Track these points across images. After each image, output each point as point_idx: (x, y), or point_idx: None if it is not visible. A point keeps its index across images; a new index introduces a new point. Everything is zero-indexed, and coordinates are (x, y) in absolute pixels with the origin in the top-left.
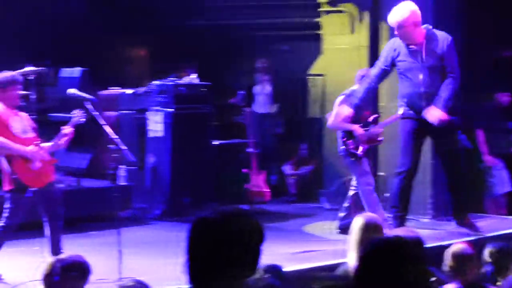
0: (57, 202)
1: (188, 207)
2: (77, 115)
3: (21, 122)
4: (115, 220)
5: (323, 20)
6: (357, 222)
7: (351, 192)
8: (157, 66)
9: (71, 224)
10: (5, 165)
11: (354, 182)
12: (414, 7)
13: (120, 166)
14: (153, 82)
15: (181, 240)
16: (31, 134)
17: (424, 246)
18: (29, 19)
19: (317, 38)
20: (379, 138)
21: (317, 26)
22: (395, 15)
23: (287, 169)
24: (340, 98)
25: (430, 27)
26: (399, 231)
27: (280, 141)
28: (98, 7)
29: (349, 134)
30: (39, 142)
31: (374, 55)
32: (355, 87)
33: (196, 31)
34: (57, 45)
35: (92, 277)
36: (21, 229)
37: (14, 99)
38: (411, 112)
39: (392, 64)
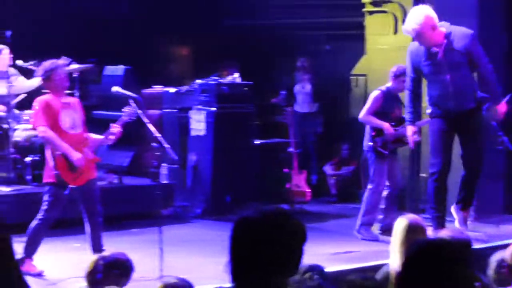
0: (96, 199)
1: (229, 206)
2: (127, 113)
3: (71, 116)
4: (156, 218)
5: (367, 20)
6: (400, 224)
7: (384, 193)
8: (200, 65)
9: (113, 221)
10: (49, 158)
11: (386, 183)
12: (428, 10)
13: (162, 164)
14: (196, 81)
15: (222, 239)
16: (79, 129)
17: (472, 248)
18: (74, 18)
19: (360, 38)
20: (406, 140)
21: (361, 26)
22: (411, 23)
23: (328, 169)
24: (376, 92)
25: (448, 24)
26: (449, 232)
27: (322, 141)
28: (141, 6)
29: (378, 131)
30: (87, 137)
31: None
32: (389, 84)
33: (239, 31)
34: (101, 43)
35: (134, 275)
36: (63, 226)
37: (61, 85)
38: (439, 111)
39: (419, 69)
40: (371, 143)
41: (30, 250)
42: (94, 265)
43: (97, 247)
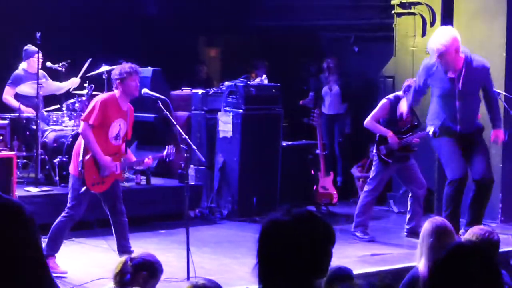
0: (117, 198)
1: (256, 207)
2: (167, 151)
3: (120, 126)
4: (184, 219)
5: (395, 22)
6: (428, 227)
7: (363, 194)
8: (228, 67)
9: (141, 222)
10: (81, 154)
11: (369, 181)
12: (455, 32)
13: (190, 166)
14: (224, 83)
15: (249, 240)
16: (120, 142)
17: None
18: (103, 19)
19: (389, 40)
20: (415, 148)
21: (389, 28)
22: (438, 41)
23: (356, 171)
24: (383, 101)
25: (469, 52)
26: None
27: (349, 143)
28: (170, 8)
29: (383, 139)
30: (124, 151)
31: None
32: (400, 92)
33: (267, 32)
34: (130, 44)
35: (162, 276)
36: (91, 226)
37: (132, 92)
38: (444, 132)
39: (427, 86)
40: (376, 151)
41: (53, 246)
42: (123, 266)
43: (122, 248)
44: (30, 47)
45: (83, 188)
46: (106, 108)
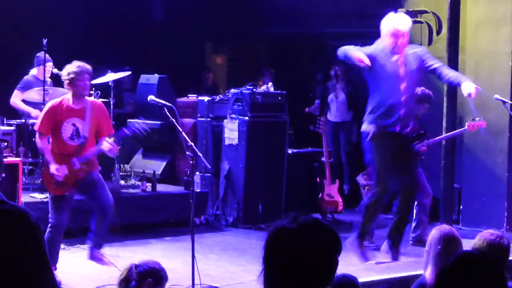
0: (94, 194)
1: (262, 214)
2: (133, 125)
3: (76, 125)
4: (189, 226)
5: None
6: (435, 234)
7: (415, 204)
8: (234, 74)
9: (146, 229)
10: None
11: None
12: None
13: (196, 173)
14: (230, 90)
15: (254, 247)
16: (81, 140)
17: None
18: (109, 26)
19: None
20: (422, 156)
21: None
22: (406, 22)
23: (361, 179)
24: None
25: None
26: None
27: (355, 151)
28: (176, 15)
29: None
30: (80, 152)
31: (451, 67)
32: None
33: (273, 40)
34: (136, 51)
35: (167, 283)
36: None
37: (82, 92)
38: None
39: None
40: None
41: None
42: (128, 273)
43: (97, 243)
44: (42, 55)
45: (47, 194)
46: (53, 113)
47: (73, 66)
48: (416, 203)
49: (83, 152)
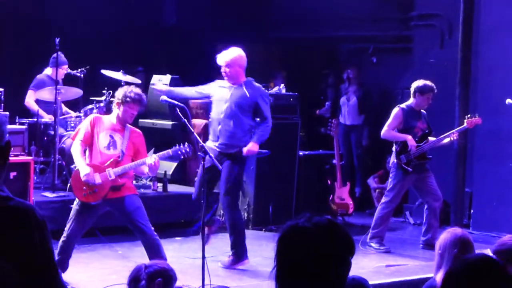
0: (131, 216)
1: (272, 216)
2: (175, 149)
3: (113, 138)
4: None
5: (414, 34)
6: (449, 237)
7: (380, 206)
8: (246, 76)
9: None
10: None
11: (387, 193)
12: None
13: None
14: None
15: (264, 249)
16: (116, 152)
17: None
18: (122, 26)
19: (407, 52)
20: (429, 156)
21: (408, 40)
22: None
23: (372, 182)
24: (396, 109)
25: (252, 79)
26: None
27: (366, 154)
28: (189, 16)
29: (402, 149)
30: (121, 160)
31: (464, 70)
32: (410, 101)
33: (285, 42)
34: (149, 52)
35: (177, 283)
36: (107, 232)
37: (125, 119)
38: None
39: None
40: (395, 160)
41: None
42: (137, 273)
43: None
44: (60, 56)
45: (76, 202)
46: (93, 124)
47: (132, 92)
48: (426, 206)
49: (119, 166)
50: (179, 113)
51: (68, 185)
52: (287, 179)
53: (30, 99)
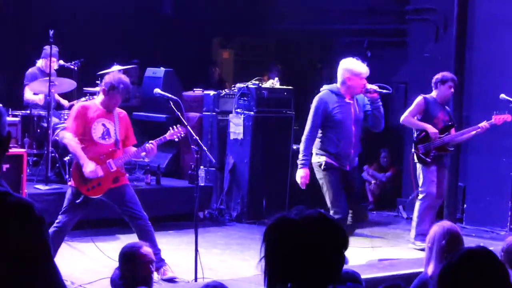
0: (129, 203)
1: (266, 209)
2: (171, 133)
3: (106, 126)
4: (193, 220)
5: (409, 28)
6: (438, 230)
7: (417, 202)
8: (240, 69)
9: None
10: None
11: (421, 189)
12: None
13: (200, 167)
14: (236, 84)
15: (257, 243)
16: (111, 140)
17: None
18: (115, 19)
19: (403, 46)
20: (450, 148)
21: (402, 33)
22: (364, 66)
23: (366, 175)
24: (419, 98)
25: None
26: None
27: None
28: (184, 9)
29: (422, 139)
30: (119, 149)
31: (458, 65)
32: (434, 93)
33: (279, 35)
34: (143, 45)
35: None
36: (102, 225)
37: (113, 105)
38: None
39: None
40: (413, 150)
41: None
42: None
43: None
44: (49, 48)
45: (80, 198)
46: (83, 113)
47: (117, 79)
48: (419, 197)
49: (117, 155)
50: (173, 106)
51: (70, 180)
52: (281, 173)
53: (28, 94)
